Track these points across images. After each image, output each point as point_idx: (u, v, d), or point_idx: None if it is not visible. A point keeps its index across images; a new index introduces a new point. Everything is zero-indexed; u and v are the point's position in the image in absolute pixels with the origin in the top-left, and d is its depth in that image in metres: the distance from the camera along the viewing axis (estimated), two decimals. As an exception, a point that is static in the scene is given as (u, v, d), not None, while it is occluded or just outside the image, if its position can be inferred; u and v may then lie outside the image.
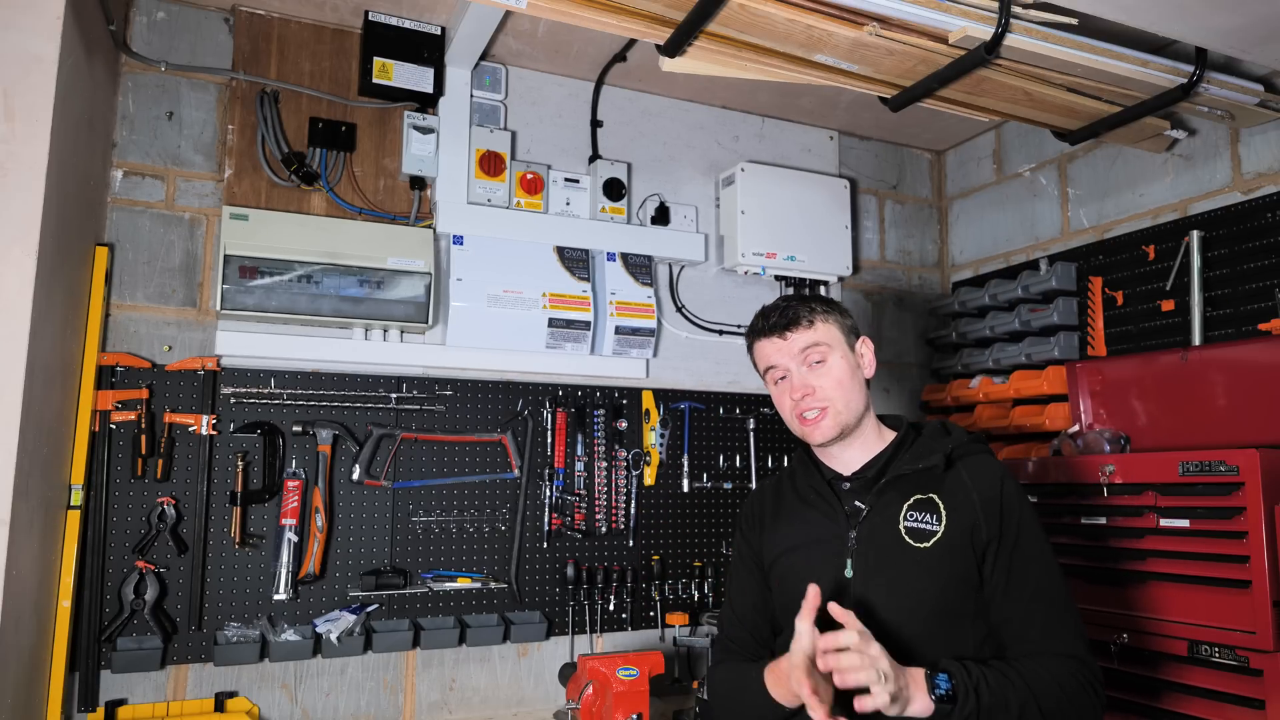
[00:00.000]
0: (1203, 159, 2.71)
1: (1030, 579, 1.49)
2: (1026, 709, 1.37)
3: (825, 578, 1.53)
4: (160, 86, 2.52)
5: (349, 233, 2.55)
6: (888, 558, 1.52)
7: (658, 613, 2.88)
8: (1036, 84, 2.32)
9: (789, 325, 1.61)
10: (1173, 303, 2.68)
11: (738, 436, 3.10)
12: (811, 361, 1.60)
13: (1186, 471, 2.14)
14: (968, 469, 1.56)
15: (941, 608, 1.48)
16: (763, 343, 1.66)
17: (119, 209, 2.45)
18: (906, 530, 1.52)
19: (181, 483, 2.39)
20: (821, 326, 1.61)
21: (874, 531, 1.54)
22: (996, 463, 1.60)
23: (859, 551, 1.54)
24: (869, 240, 3.55)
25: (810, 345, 1.60)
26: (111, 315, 2.41)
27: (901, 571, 1.50)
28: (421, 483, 2.64)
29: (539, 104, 2.98)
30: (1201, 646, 2.08)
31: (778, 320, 1.62)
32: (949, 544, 1.49)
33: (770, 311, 1.66)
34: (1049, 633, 1.46)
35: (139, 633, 2.30)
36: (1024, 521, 1.52)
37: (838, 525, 1.58)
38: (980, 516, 1.51)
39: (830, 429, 1.58)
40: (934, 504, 1.53)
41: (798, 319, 1.61)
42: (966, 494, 1.53)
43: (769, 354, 1.64)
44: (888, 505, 1.56)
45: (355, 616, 2.46)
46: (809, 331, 1.60)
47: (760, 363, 1.68)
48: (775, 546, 1.67)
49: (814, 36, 2.07)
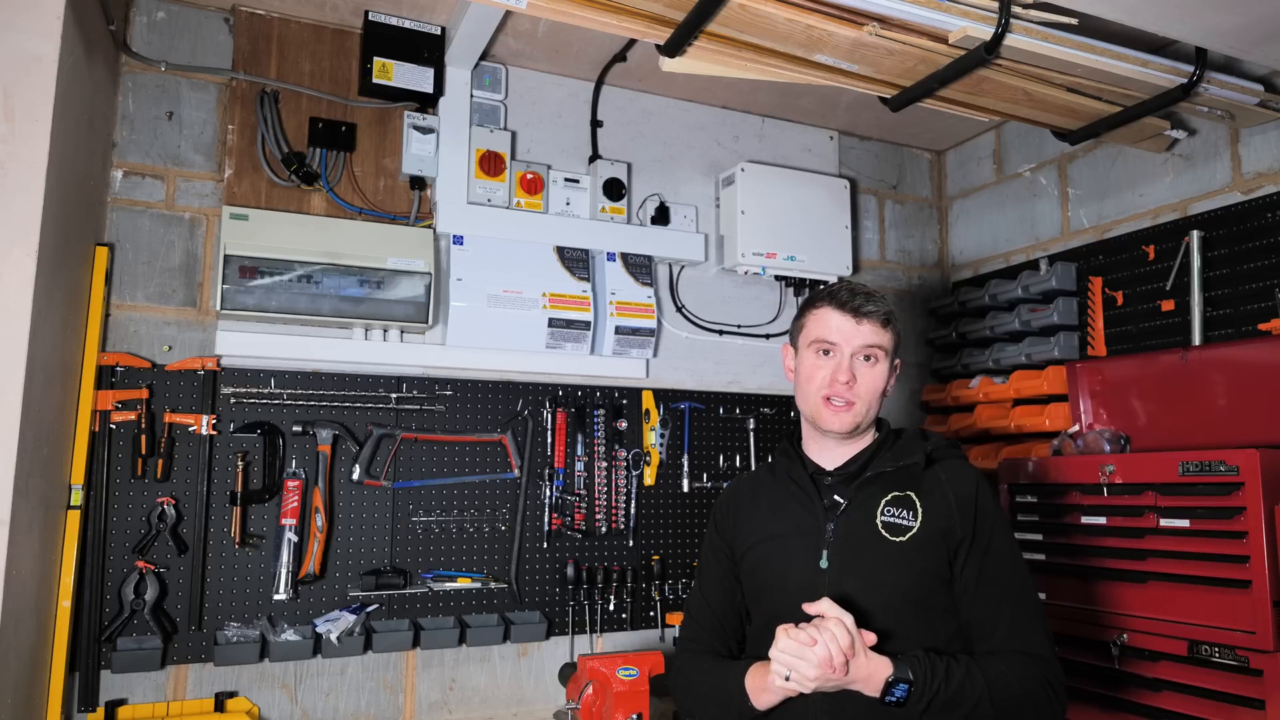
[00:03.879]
0: (1203, 159, 2.71)
1: (1000, 579, 1.52)
2: (981, 704, 1.41)
3: (800, 568, 1.57)
4: (160, 86, 2.53)
5: (349, 233, 2.55)
6: (863, 550, 1.55)
7: (658, 613, 2.88)
8: (1036, 84, 2.32)
9: (871, 313, 1.59)
10: (1173, 303, 2.68)
11: (738, 437, 3.10)
12: (864, 356, 1.60)
13: (1186, 471, 2.15)
14: (945, 471, 1.60)
15: (914, 600, 1.51)
16: (832, 313, 1.60)
17: (119, 209, 2.46)
18: (883, 524, 1.55)
19: (181, 483, 2.39)
20: (890, 333, 1.62)
21: (851, 524, 1.57)
22: (973, 468, 1.64)
23: (835, 543, 1.56)
24: (869, 240, 3.55)
25: (876, 343, 1.60)
26: (111, 315, 2.41)
27: (876, 564, 1.53)
28: (421, 483, 2.65)
29: (539, 104, 2.98)
30: (1201, 646, 2.09)
31: (862, 302, 1.59)
32: (924, 539, 1.53)
33: (855, 289, 1.62)
34: (1015, 632, 1.49)
35: (139, 633, 2.31)
36: (996, 525, 1.56)
37: (815, 517, 1.60)
38: (955, 516, 1.54)
39: (848, 423, 1.59)
40: (911, 501, 1.56)
41: (877, 312, 1.60)
42: (943, 494, 1.56)
43: (833, 326, 1.60)
44: (866, 500, 1.58)
45: (355, 616, 2.46)
46: (882, 331, 1.60)
47: (816, 328, 1.62)
48: (749, 536, 1.69)
49: (814, 36, 2.07)
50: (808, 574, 1.56)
